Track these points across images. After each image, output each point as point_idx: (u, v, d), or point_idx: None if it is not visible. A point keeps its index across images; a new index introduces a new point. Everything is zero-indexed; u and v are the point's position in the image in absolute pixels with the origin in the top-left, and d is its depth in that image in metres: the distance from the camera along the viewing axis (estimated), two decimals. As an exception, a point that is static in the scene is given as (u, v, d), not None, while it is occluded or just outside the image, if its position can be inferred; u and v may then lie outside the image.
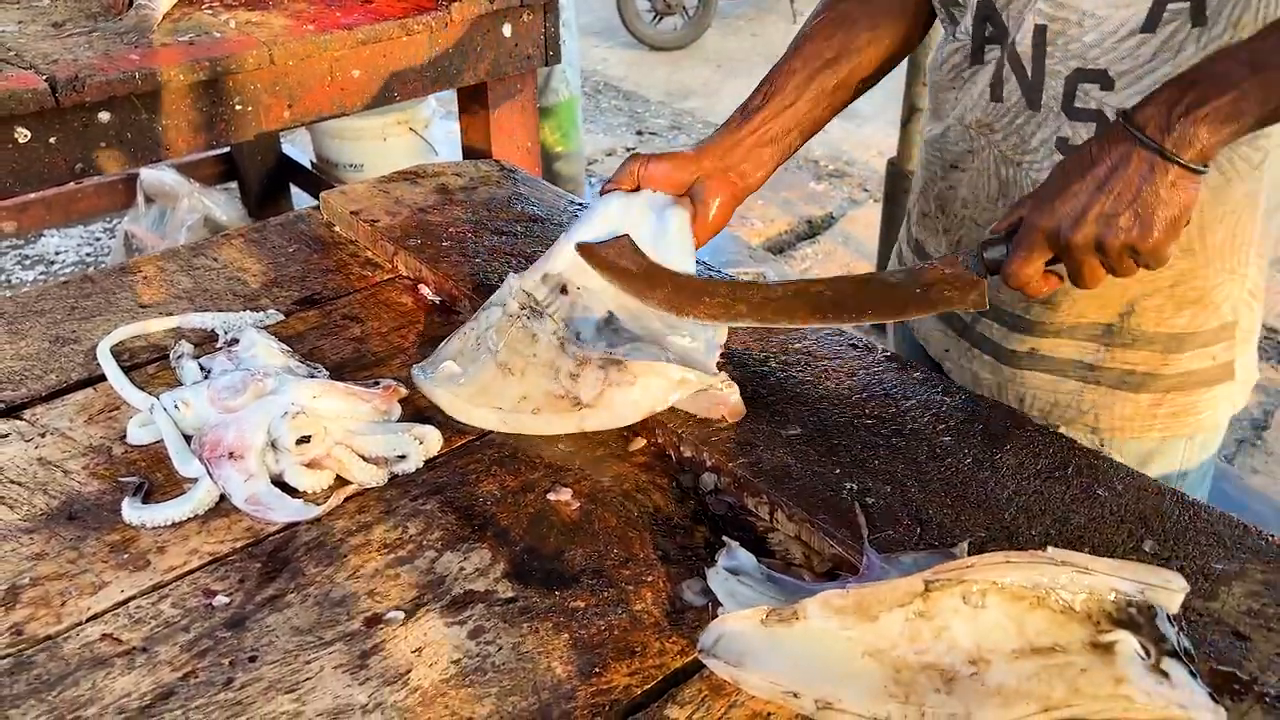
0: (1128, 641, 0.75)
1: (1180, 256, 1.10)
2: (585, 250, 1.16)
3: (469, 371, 1.16)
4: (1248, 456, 3.10)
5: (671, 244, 1.16)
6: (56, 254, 3.92)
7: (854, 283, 1.10)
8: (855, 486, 0.99)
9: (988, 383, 1.25)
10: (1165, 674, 0.74)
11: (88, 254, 3.93)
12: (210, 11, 2.01)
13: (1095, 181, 0.90)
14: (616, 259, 1.16)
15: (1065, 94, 1.08)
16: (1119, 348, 1.16)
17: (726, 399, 1.09)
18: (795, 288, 1.12)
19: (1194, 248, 1.11)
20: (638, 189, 1.19)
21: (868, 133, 5.12)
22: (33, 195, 2.85)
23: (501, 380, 1.13)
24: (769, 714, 0.80)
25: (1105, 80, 1.05)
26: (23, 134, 1.67)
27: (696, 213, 1.18)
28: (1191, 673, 0.74)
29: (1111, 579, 0.76)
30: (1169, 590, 0.76)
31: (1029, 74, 1.10)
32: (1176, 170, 0.87)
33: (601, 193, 1.22)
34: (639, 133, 5.41)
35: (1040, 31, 1.08)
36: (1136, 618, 0.77)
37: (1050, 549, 0.77)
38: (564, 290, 1.16)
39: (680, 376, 1.07)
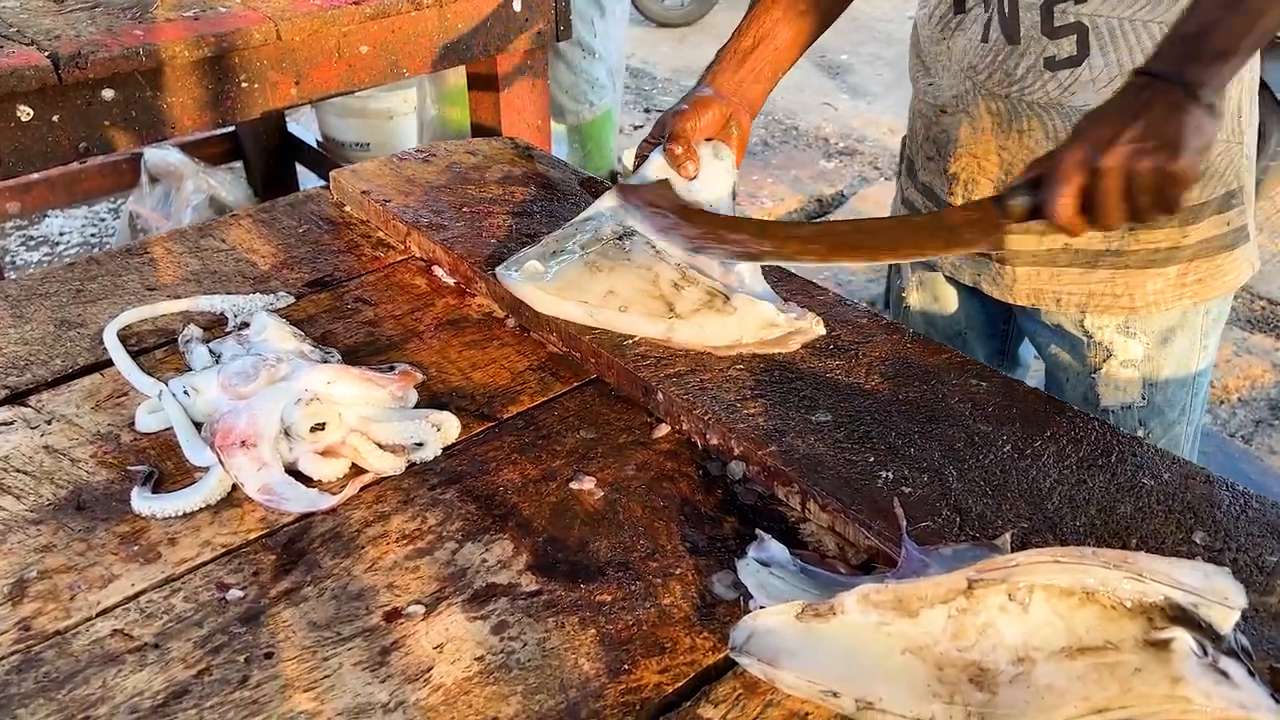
0: (1183, 639, 0.72)
1: None
2: (624, 190, 1.25)
3: (554, 268, 1.19)
4: (1266, 437, 3.05)
5: (720, 185, 1.25)
6: (61, 235, 3.87)
7: (877, 224, 1.17)
8: (891, 475, 0.96)
9: (1023, 289, 1.32)
10: (1224, 673, 0.70)
11: (92, 235, 3.88)
12: (214, -14, 1.96)
13: (1125, 116, 0.94)
14: (655, 200, 1.23)
15: (1042, 20, 1.17)
16: (1143, 229, 1.24)
17: (811, 331, 1.15)
18: (822, 228, 1.19)
19: None
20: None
21: (878, 110, 5.04)
22: (36, 175, 2.81)
23: (589, 276, 1.17)
24: (807, 714, 0.77)
25: None
26: (25, 112, 1.63)
27: (732, 147, 1.29)
28: (1250, 672, 0.71)
29: (1165, 589, 0.73)
30: (1225, 608, 0.72)
31: (1005, 13, 1.20)
32: (1200, 107, 0.93)
33: (640, 154, 1.29)
34: (646, 110, 5.33)
35: None
36: (1191, 613, 0.73)
37: (1099, 550, 0.74)
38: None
39: (773, 319, 1.13)
